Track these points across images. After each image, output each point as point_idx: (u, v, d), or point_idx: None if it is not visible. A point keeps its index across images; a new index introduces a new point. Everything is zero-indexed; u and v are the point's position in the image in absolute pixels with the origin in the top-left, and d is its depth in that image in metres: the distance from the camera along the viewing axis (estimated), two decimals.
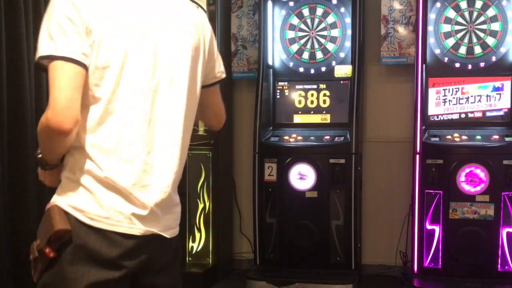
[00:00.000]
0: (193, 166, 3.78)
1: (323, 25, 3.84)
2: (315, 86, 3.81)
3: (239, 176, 4.24)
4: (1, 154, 2.84)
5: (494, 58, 3.51)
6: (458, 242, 3.35)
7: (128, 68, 1.44)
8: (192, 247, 3.86)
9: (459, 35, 3.55)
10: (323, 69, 3.83)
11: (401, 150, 3.87)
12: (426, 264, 3.41)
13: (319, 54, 3.84)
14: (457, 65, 3.56)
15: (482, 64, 3.52)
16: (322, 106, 3.80)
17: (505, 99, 3.46)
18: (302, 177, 3.62)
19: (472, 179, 3.33)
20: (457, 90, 3.52)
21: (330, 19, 3.83)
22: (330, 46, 3.82)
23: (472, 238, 3.33)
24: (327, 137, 3.67)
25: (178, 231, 1.60)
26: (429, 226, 3.38)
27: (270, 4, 3.87)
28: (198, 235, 3.85)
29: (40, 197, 2.96)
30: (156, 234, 1.50)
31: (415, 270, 3.45)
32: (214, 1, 3.82)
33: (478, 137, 3.41)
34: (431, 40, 3.58)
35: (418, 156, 3.42)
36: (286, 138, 3.73)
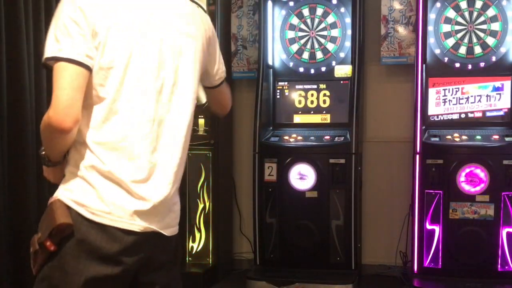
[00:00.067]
0: (193, 166, 3.78)
1: (323, 25, 3.84)
2: (315, 86, 3.81)
3: (239, 176, 4.24)
4: (1, 154, 2.84)
5: (494, 58, 3.51)
6: (458, 242, 3.35)
7: (132, 68, 1.48)
8: (192, 247, 3.86)
9: (459, 35, 3.55)
10: (323, 69, 3.83)
11: (401, 150, 3.87)
12: (426, 264, 3.41)
13: (319, 54, 3.84)
14: (457, 65, 3.56)
15: (482, 64, 3.52)
16: (322, 106, 3.80)
17: (505, 99, 3.46)
18: (302, 177, 3.62)
19: (472, 179, 3.33)
20: (457, 90, 3.52)
21: (330, 19, 3.83)
22: (330, 46, 3.82)
23: (472, 238, 3.33)
24: (327, 137, 3.67)
25: (177, 230, 1.62)
26: (429, 226, 3.38)
27: (270, 4, 3.87)
28: (198, 235, 3.85)
29: (40, 197, 2.96)
30: (156, 232, 1.52)
31: (415, 270, 3.45)
32: (214, 1, 3.82)
33: (478, 137, 3.41)
34: (431, 40, 3.58)
35: (418, 156, 3.42)
36: (286, 138, 3.73)
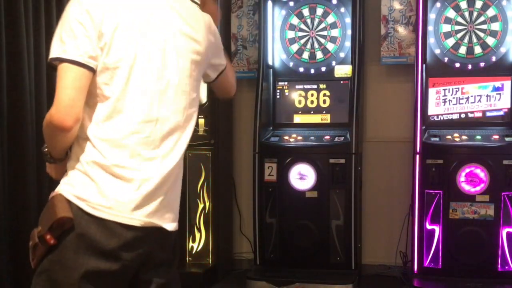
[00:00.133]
0: (193, 166, 3.78)
1: (323, 25, 3.84)
2: (315, 86, 3.81)
3: (239, 176, 4.24)
4: (1, 154, 2.84)
5: (494, 58, 3.51)
6: (458, 242, 3.35)
7: (137, 69, 1.51)
8: (192, 247, 3.86)
9: (459, 35, 3.55)
10: (323, 69, 3.83)
11: (401, 150, 3.87)
12: (426, 264, 3.41)
13: (319, 54, 3.84)
14: (457, 65, 3.56)
15: (482, 64, 3.52)
16: (322, 106, 3.80)
17: (505, 99, 3.46)
18: (302, 177, 3.62)
19: (472, 179, 3.33)
20: (457, 90, 3.52)
21: (330, 19, 3.83)
22: (330, 46, 3.82)
23: (472, 238, 3.33)
24: (327, 137, 3.67)
25: (177, 227, 1.64)
26: (429, 226, 3.38)
27: (270, 4, 3.87)
28: (198, 235, 3.85)
29: (40, 197, 2.96)
30: (156, 227, 1.55)
31: (415, 270, 3.45)
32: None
33: (478, 137, 3.41)
34: (431, 40, 3.58)
35: (418, 156, 3.42)
36: (286, 138, 3.73)
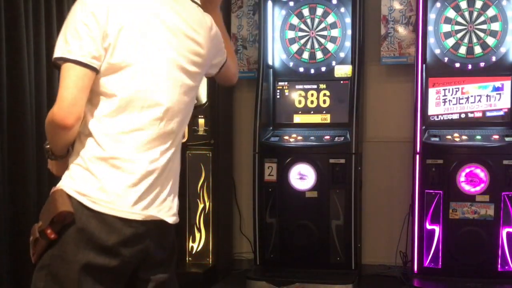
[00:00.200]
0: (193, 166, 3.78)
1: (323, 25, 3.84)
2: (315, 86, 3.81)
3: (239, 176, 4.24)
4: (1, 154, 2.84)
5: (494, 58, 3.51)
6: (458, 242, 3.36)
7: (140, 69, 1.53)
8: (192, 247, 3.86)
9: (459, 35, 3.55)
10: (323, 69, 3.83)
11: (401, 150, 3.87)
12: (426, 264, 3.41)
13: (319, 54, 3.84)
14: (457, 65, 3.56)
15: (482, 64, 3.52)
16: (322, 106, 3.80)
17: (505, 99, 3.46)
18: (302, 177, 3.62)
19: (472, 179, 3.33)
20: (457, 90, 3.52)
21: (330, 19, 3.83)
22: (330, 46, 3.82)
23: (472, 238, 3.33)
24: (327, 137, 3.67)
25: (178, 220, 1.67)
26: (429, 226, 3.38)
27: (270, 4, 3.87)
28: (198, 235, 3.85)
29: (40, 196, 2.96)
30: (156, 220, 1.57)
31: (415, 270, 3.45)
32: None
33: (478, 137, 3.41)
34: (431, 40, 3.58)
35: (418, 156, 3.42)
36: (286, 138, 3.73)
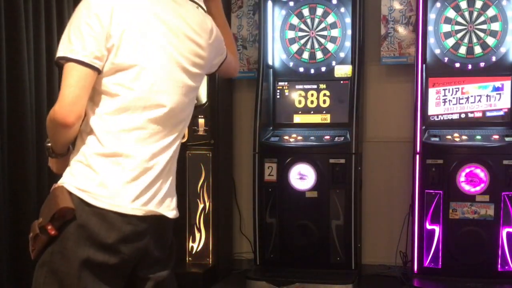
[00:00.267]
0: (193, 166, 3.78)
1: (323, 25, 3.84)
2: (315, 86, 3.81)
3: (239, 176, 4.24)
4: (1, 153, 2.84)
5: (494, 58, 3.51)
6: (458, 242, 3.35)
7: (143, 69, 1.55)
8: (192, 247, 3.86)
9: (459, 35, 3.56)
10: (323, 69, 3.83)
11: (401, 150, 3.87)
12: (426, 264, 3.41)
13: (319, 54, 3.84)
14: (457, 65, 3.56)
15: (482, 64, 3.52)
16: (322, 106, 3.80)
17: (505, 99, 3.46)
18: (302, 177, 3.62)
19: (472, 179, 3.33)
20: (457, 90, 3.52)
21: (330, 19, 3.83)
22: (330, 46, 3.82)
23: (472, 238, 3.33)
24: (327, 137, 3.67)
25: (178, 214, 1.69)
26: (429, 226, 3.38)
27: (270, 4, 3.87)
28: (198, 235, 3.85)
29: (40, 196, 2.96)
30: (157, 216, 1.59)
31: (415, 270, 3.45)
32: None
33: (478, 137, 3.41)
34: (431, 40, 3.58)
35: (418, 156, 3.42)
36: (286, 138, 3.73)
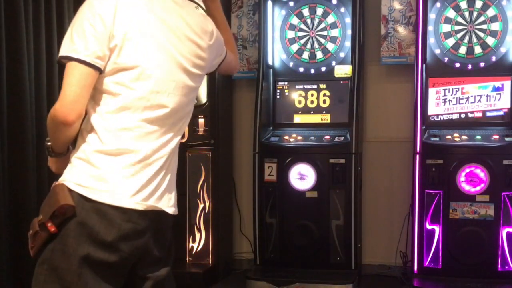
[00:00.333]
0: (193, 166, 3.78)
1: (323, 25, 3.84)
2: (315, 86, 3.81)
3: (239, 176, 4.24)
4: (1, 153, 2.84)
5: (494, 58, 3.51)
6: (458, 242, 3.35)
7: (145, 70, 1.57)
8: (192, 247, 3.86)
9: (459, 35, 3.55)
10: (323, 69, 3.83)
11: (401, 150, 3.87)
12: (426, 264, 3.41)
13: (319, 54, 3.84)
14: (457, 65, 3.56)
15: (482, 64, 3.52)
16: (322, 106, 3.80)
17: (505, 99, 3.46)
18: (302, 177, 3.62)
19: (472, 179, 3.33)
20: (457, 90, 3.52)
21: (330, 19, 3.83)
22: (330, 46, 3.82)
23: (472, 238, 3.33)
24: (327, 137, 3.67)
25: (177, 212, 1.70)
26: (429, 226, 3.38)
27: (270, 4, 3.87)
28: (198, 235, 3.85)
29: (40, 196, 2.96)
30: (157, 211, 1.60)
31: (415, 270, 3.45)
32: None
33: (478, 137, 3.41)
34: (431, 40, 3.58)
35: (418, 156, 3.42)
36: (286, 138, 3.73)
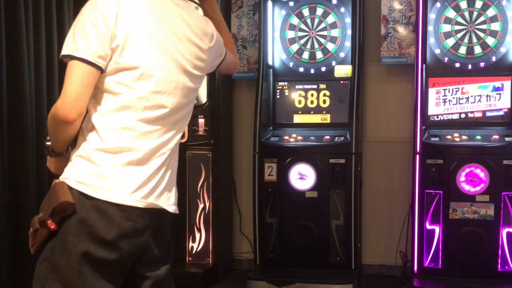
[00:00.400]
0: (193, 166, 3.77)
1: (323, 25, 3.84)
2: (315, 86, 3.81)
3: (239, 176, 4.24)
4: (1, 154, 2.84)
5: (494, 58, 3.51)
6: (458, 242, 3.36)
7: (146, 70, 1.58)
8: (192, 247, 3.86)
9: (459, 35, 3.55)
10: (323, 69, 3.83)
11: (401, 150, 3.87)
12: (426, 264, 3.41)
13: (319, 54, 3.84)
14: (457, 65, 3.56)
15: (482, 64, 3.52)
16: (322, 106, 3.80)
17: (505, 99, 3.46)
18: (302, 177, 3.62)
19: (472, 179, 3.33)
20: (457, 90, 3.52)
21: (330, 19, 3.83)
22: (330, 46, 3.82)
23: (472, 238, 3.33)
24: (327, 137, 3.67)
25: (177, 211, 1.71)
26: (429, 226, 3.38)
27: (270, 4, 3.87)
28: (198, 235, 3.85)
29: (40, 197, 2.96)
30: (157, 209, 1.61)
31: (415, 270, 3.45)
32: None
33: (478, 137, 3.41)
34: (431, 40, 3.58)
35: (418, 156, 3.42)
36: (286, 138, 3.73)
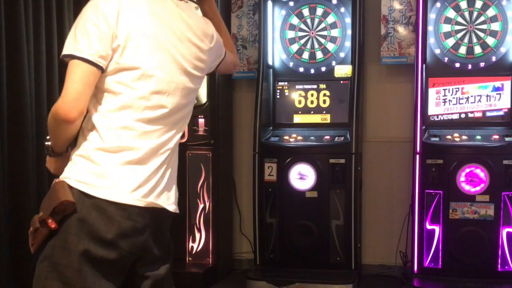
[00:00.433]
0: (193, 166, 3.78)
1: (323, 25, 3.84)
2: (315, 86, 3.81)
3: (239, 176, 4.24)
4: (1, 154, 2.84)
5: (494, 58, 3.51)
6: (458, 242, 3.36)
7: (146, 71, 1.59)
8: (192, 247, 3.86)
9: (459, 35, 3.56)
10: (323, 69, 3.83)
11: (401, 150, 3.87)
12: (426, 264, 3.41)
13: (319, 54, 3.84)
14: (457, 65, 3.56)
15: (482, 64, 3.52)
16: (322, 106, 3.80)
17: (505, 99, 3.46)
18: (302, 177, 3.62)
19: (472, 179, 3.33)
20: (457, 90, 3.52)
21: (330, 19, 3.83)
22: (330, 46, 3.82)
23: (472, 238, 3.33)
24: (327, 137, 3.67)
25: (178, 210, 1.71)
26: (429, 226, 3.38)
27: (270, 4, 3.87)
28: (198, 235, 3.85)
29: (40, 197, 2.96)
30: (157, 209, 1.62)
31: (415, 270, 3.45)
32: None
33: (478, 137, 3.41)
34: (431, 40, 3.58)
35: (418, 156, 3.42)
36: (286, 138, 3.73)
